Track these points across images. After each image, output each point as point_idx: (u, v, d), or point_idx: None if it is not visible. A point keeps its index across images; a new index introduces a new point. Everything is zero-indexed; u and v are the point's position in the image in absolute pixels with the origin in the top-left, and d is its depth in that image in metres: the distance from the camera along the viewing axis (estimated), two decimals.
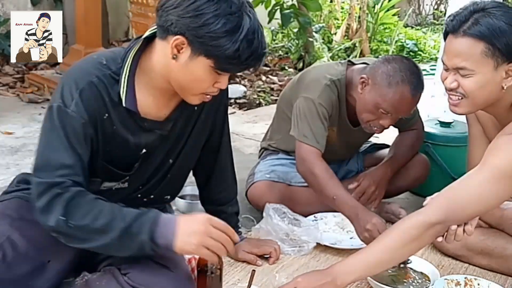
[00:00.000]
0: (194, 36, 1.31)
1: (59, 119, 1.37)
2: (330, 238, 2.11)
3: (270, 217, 2.05)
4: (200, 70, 1.37)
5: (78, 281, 1.43)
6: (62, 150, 1.36)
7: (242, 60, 1.34)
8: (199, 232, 1.36)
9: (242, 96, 4.41)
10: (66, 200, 1.33)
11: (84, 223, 1.33)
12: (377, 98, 2.00)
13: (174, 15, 1.31)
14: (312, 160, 2.08)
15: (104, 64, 1.43)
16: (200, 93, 1.44)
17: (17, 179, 1.63)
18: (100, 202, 1.37)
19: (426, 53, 7.28)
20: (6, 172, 2.63)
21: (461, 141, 2.64)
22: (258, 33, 1.35)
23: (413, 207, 2.49)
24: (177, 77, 1.40)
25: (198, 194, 1.95)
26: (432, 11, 10.60)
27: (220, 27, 1.30)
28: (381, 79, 2.00)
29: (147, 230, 1.33)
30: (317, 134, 2.10)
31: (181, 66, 1.37)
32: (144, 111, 1.48)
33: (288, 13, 5.04)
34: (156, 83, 1.45)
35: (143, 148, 1.52)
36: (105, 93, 1.41)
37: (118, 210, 1.36)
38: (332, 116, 2.18)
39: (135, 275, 1.38)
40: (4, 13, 4.56)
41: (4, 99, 3.92)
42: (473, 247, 1.95)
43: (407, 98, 1.99)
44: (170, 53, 1.36)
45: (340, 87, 2.17)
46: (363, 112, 2.09)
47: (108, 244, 1.34)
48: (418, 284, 1.79)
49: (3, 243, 1.39)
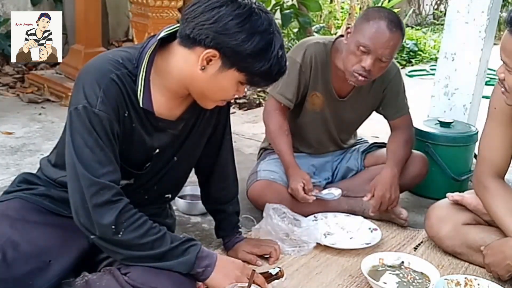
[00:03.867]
0: (231, 52, 1.35)
1: (89, 120, 1.36)
2: (330, 238, 2.11)
3: (270, 217, 2.05)
4: (228, 83, 1.41)
5: (78, 281, 1.43)
6: (95, 150, 1.37)
7: (273, 76, 1.41)
8: (233, 276, 1.49)
9: (242, 96, 4.41)
10: (119, 210, 1.38)
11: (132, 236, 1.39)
12: (357, 36, 2.11)
13: (211, 30, 1.33)
14: (271, 113, 2.30)
15: (121, 63, 1.43)
16: (219, 100, 1.49)
17: (18, 179, 1.63)
18: (144, 217, 1.43)
19: (426, 53, 7.28)
20: (6, 172, 2.63)
21: (461, 141, 2.65)
22: (284, 49, 1.41)
23: (413, 207, 2.50)
24: (200, 86, 1.43)
25: (198, 194, 1.95)
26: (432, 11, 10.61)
27: (256, 45, 1.34)
28: (361, 19, 2.15)
29: (194, 253, 1.45)
30: (285, 89, 2.25)
31: (208, 77, 1.40)
32: (159, 112, 1.50)
33: (288, 13, 5.04)
34: (170, 86, 1.47)
35: (156, 148, 1.55)
36: (125, 91, 1.42)
37: (165, 231, 1.45)
38: (315, 76, 2.27)
39: (135, 275, 1.38)
40: (4, 13, 4.56)
41: (4, 99, 3.92)
42: (473, 245, 1.95)
43: (383, 32, 2.07)
44: (199, 64, 1.38)
45: (326, 50, 2.27)
46: (346, 58, 2.15)
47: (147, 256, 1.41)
48: (418, 284, 1.79)
49: (3, 243, 1.38)
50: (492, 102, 1.87)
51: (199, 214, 2.30)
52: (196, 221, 2.27)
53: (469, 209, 2.00)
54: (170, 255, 1.43)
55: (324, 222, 2.21)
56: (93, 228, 1.38)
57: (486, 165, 1.87)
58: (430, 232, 2.08)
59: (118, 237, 1.38)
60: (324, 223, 2.20)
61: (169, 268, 1.42)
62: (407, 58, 7.02)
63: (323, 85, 2.30)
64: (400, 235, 2.24)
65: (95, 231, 1.38)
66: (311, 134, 2.44)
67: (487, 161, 1.87)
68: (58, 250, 1.45)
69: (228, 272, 1.49)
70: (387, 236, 2.21)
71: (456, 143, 2.64)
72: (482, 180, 1.88)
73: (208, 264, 1.47)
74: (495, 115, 1.86)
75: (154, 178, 1.63)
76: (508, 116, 1.82)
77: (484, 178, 1.87)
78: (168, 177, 1.66)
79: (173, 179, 1.70)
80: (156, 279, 1.38)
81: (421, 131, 2.67)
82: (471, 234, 1.97)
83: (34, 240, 1.43)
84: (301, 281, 1.83)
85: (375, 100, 2.41)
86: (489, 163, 1.87)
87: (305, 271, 1.90)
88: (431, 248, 2.12)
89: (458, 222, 2.00)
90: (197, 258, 1.45)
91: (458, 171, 2.64)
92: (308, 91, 2.30)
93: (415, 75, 6.09)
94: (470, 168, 2.69)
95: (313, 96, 2.31)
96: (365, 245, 2.06)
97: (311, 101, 2.32)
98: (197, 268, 1.45)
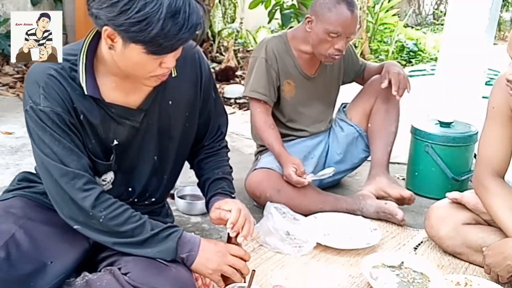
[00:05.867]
0: (116, 25, 1.30)
1: (38, 118, 1.40)
2: (330, 238, 2.11)
3: (271, 216, 2.06)
4: (136, 57, 1.35)
5: (79, 281, 1.43)
6: (56, 145, 1.40)
7: (170, 39, 1.30)
8: (217, 261, 1.47)
9: (242, 96, 4.41)
10: (94, 197, 1.40)
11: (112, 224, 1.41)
12: (324, 26, 2.29)
13: (95, 7, 1.31)
14: (253, 112, 2.43)
15: (62, 57, 1.45)
16: (149, 77, 1.42)
17: (18, 177, 1.63)
18: (127, 207, 1.45)
19: (426, 53, 7.29)
20: (6, 172, 2.64)
21: (461, 141, 2.65)
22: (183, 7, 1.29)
23: (413, 207, 2.50)
24: (120, 65, 1.40)
25: (198, 194, 1.93)
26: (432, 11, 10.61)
27: (137, 11, 1.26)
28: (321, 9, 2.31)
29: (175, 239, 1.44)
30: (256, 85, 2.38)
31: (118, 55, 1.37)
32: (110, 98, 1.47)
33: (288, 13, 5.05)
34: (112, 70, 1.45)
35: (113, 139, 1.52)
36: (66, 83, 1.42)
37: (146, 219, 1.45)
38: (282, 65, 2.42)
39: (135, 275, 1.38)
40: (4, 13, 4.56)
41: (4, 99, 3.92)
42: (472, 245, 1.95)
43: (347, 15, 2.28)
44: (106, 44, 1.36)
45: (283, 41, 2.46)
46: (318, 45, 2.34)
47: (128, 243, 1.42)
48: (418, 284, 1.79)
49: (8, 241, 1.38)
50: (491, 102, 1.87)
51: (199, 214, 2.30)
52: (196, 221, 2.27)
53: (468, 208, 2.00)
54: (151, 242, 1.43)
55: (324, 222, 2.22)
56: (76, 217, 1.41)
57: (485, 165, 1.88)
58: (430, 232, 2.08)
59: (99, 224, 1.41)
60: (324, 223, 2.21)
61: (152, 256, 1.42)
62: (407, 58, 7.02)
63: (292, 70, 2.45)
64: (400, 235, 2.24)
65: (78, 219, 1.41)
66: (299, 119, 2.54)
67: (486, 161, 1.88)
68: (59, 250, 1.45)
69: (210, 256, 1.47)
70: (387, 236, 2.21)
71: (456, 143, 2.64)
72: (481, 180, 1.88)
73: (191, 249, 1.46)
74: (494, 115, 1.86)
75: (136, 181, 1.61)
76: (507, 116, 1.82)
77: (483, 178, 1.87)
78: (154, 180, 1.64)
79: (160, 181, 1.67)
80: (156, 279, 1.38)
81: (421, 131, 2.67)
82: (471, 234, 1.97)
83: (37, 240, 1.43)
84: (301, 281, 1.83)
85: (339, 68, 2.60)
86: (489, 162, 1.87)
87: (305, 271, 1.90)
88: (431, 248, 2.12)
89: (458, 222, 2.00)
90: (178, 244, 1.44)
91: (458, 171, 2.64)
92: (281, 81, 2.44)
93: (415, 75, 6.09)
94: (470, 168, 2.69)
95: (286, 84, 2.45)
96: (365, 245, 2.06)
97: (286, 89, 2.46)
98: (180, 254, 1.44)
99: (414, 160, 2.74)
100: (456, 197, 2.03)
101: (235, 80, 4.90)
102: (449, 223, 2.01)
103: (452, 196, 2.04)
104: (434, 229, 2.05)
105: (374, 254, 1.93)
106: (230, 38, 5.56)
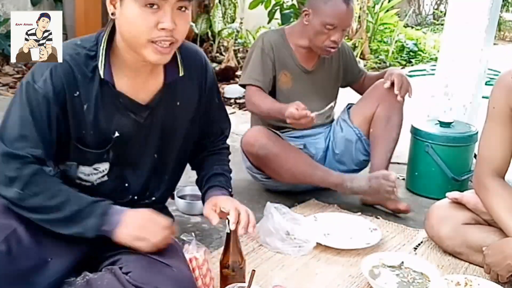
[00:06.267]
0: None
1: (26, 94, 1.41)
2: (330, 238, 2.11)
3: (271, 216, 2.06)
4: (133, 12, 1.37)
5: (79, 280, 1.42)
6: (23, 123, 1.41)
7: None
8: (139, 227, 1.44)
9: (242, 96, 4.41)
10: (26, 175, 1.39)
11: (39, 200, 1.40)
12: (320, 18, 2.36)
13: None
14: (250, 94, 2.42)
15: (79, 43, 1.47)
16: (146, 41, 1.40)
17: None
18: (57, 181, 1.44)
19: (426, 53, 7.29)
20: None
21: (461, 141, 2.65)
22: None
23: (413, 207, 2.50)
24: (122, 31, 1.42)
25: (198, 194, 1.93)
26: (432, 11, 10.61)
27: None
28: (317, 2, 2.39)
29: (97, 216, 1.42)
30: (251, 73, 2.43)
31: (120, 19, 1.41)
32: (120, 87, 1.49)
33: (288, 13, 5.05)
34: (126, 60, 1.47)
35: (115, 131, 1.52)
36: (78, 70, 1.44)
37: (74, 193, 1.44)
38: (279, 57, 2.47)
39: (136, 274, 1.38)
40: (4, 13, 4.56)
41: (4, 99, 3.92)
42: (472, 245, 1.95)
43: (343, 8, 2.35)
44: (110, 11, 1.40)
45: (281, 35, 2.52)
46: (315, 37, 2.41)
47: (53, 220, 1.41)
48: (418, 284, 1.79)
49: (9, 235, 1.38)
50: (491, 102, 1.87)
51: (199, 214, 2.30)
52: (196, 221, 2.27)
53: (468, 208, 2.00)
54: (77, 218, 1.41)
55: (324, 222, 2.22)
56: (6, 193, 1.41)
57: (485, 165, 1.88)
58: (430, 232, 2.08)
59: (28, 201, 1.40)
60: (324, 223, 2.21)
61: (79, 234, 1.41)
62: (407, 58, 7.03)
63: (289, 62, 2.50)
64: (400, 235, 2.24)
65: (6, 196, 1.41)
66: None
67: (486, 161, 1.88)
68: (59, 248, 1.45)
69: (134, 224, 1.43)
70: (387, 236, 2.21)
71: (456, 143, 2.64)
72: (482, 180, 1.88)
73: (116, 221, 1.42)
74: (494, 115, 1.86)
75: (133, 178, 1.61)
76: (507, 116, 1.83)
77: (484, 178, 1.87)
78: (154, 178, 1.64)
79: (159, 180, 1.67)
80: (157, 279, 1.38)
81: (421, 131, 2.67)
82: (471, 234, 1.97)
83: (37, 236, 1.43)
84: (301, 281, 1.83)
85: (338, 65, 2.65)
86: (489, 162, 1.87)
87: (305, 271, 1.90)
88: (431, 248, 2.12)
89: (458, 222, 2.00)
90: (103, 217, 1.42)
91: (458, 171, 2.64)
92: (276, 71, 2.47)
93: (415, 75, 6.09)
94: (470, 168, 2.69)
95: (282, 75, 2.49)
96: (365, 245, 2.06)
97: (282, 80, 2.49)
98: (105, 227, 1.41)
99: (414, 160, 2.74)
100: (456, 197, 2.03)
101: (235, 80, 4.90)
102: (449, 223, 2.01)
103: (452, 196, 2.04)
104: (434, 229, 2.05)
105: (374, 254, 1.93)
106: (230, 38, 5.56)
